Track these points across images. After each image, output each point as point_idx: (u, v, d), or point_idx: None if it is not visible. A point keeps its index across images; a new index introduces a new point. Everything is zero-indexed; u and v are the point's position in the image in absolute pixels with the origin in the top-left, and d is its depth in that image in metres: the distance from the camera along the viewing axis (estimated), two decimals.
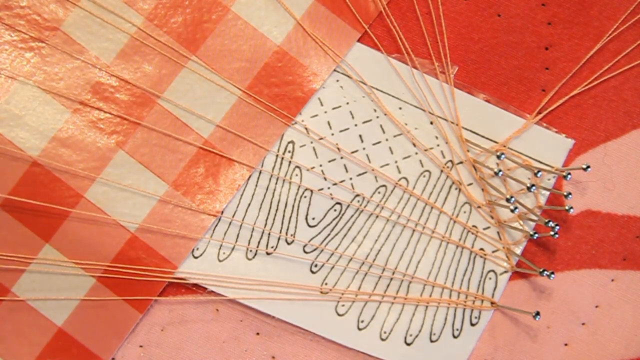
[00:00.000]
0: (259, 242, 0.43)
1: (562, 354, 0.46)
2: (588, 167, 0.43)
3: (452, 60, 0.45)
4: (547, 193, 0.45)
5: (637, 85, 0.46)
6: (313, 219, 0.44)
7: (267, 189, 0.43)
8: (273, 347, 0.44)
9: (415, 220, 0.44)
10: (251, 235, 0.43)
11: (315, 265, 0.44)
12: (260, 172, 0.43)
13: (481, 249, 0.45)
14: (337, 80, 0.44)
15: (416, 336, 0.44)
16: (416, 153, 0.45)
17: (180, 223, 0.42)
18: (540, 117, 0.45)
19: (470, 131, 0.45)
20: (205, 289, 0.43)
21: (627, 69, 0.46)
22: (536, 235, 0.44)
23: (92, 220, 0.42)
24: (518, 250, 0.45)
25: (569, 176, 0.43)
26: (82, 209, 0.42)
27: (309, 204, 0.44)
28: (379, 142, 0.44)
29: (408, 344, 0.44)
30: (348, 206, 0.44)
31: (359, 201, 0.44)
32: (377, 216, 0.44)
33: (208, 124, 0.43)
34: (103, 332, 0.42)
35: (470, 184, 0.45)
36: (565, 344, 0.46)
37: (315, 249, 0.44)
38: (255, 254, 0.43)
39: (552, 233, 0.43)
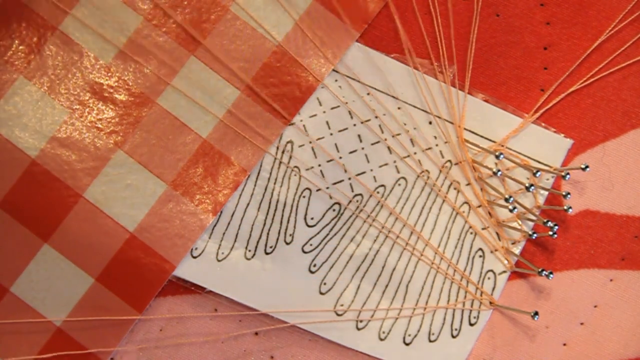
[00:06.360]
0: (257, 242, 0.43)
1: (560, 354, 0.46)
2: (587, 167, 0.44)
3: (450, 60, 0.45)
4: (546, 193, 0.45)
5: (635, 85, 0.46)
6: (312, 218, 0.44)
7: (265, 189, 0.43)
8: (272, 347, 0.44)
9: (414, 219, 0.44)
10: (250, 235, 0.43)
11: (314, 265, 0.44)
12: (259, 172, 0.43)
13: (480, 249, 0.45)
14: (336, 80, 0.44)
15: (415, 336, 0.44)
16: (415, 153, 0.45)
17: (179, 223, 0.42)
18: (537, 115, 0.45)
19: (469, 131, 0.45)
20: (204, 288, 0.43)
21: (625, 66, 0.46)
22: (535, 235, 0.44)
23: (91, 220, 0.42)
24: (517, 250, 0.45)
25: (568, 176, 0.43)
26: (81, 209, 0.42)
27: (308, 204, 0.44)
28: (377, 142, 0.44)
29: (407, 344, 0.44)
30: (347, 206, 0.44)
31: (357, 201, 0.44)
32: (376, 216, 0.44)
33: (207, 124, 0.43)
34: (101, 331, 0.42)
35: (469, 184, 0.45)
36: (564, 344, 0.46)
37: (314, 249, 0.44)
38: (254, 254, 0.43)
39: (550, 233, 0.43)
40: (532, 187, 0.42)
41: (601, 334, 0.46)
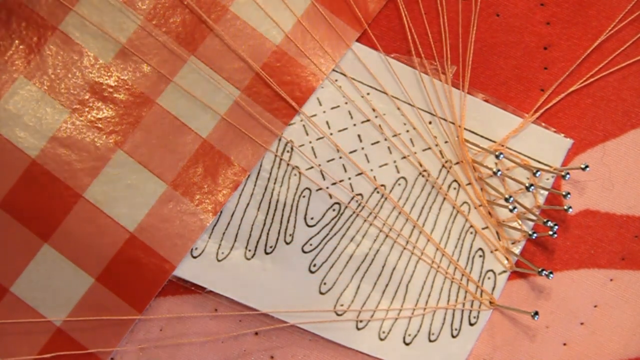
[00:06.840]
0: (257, 242, 0.43)
1: (560, 354, 0.46)
2: (587, 166, 0.44)
3: (450, 60, 0.45)
4: (546, 193, 0.45)
5: (635, 84, 0.46)
6: (312, 218, 0.44)
7: (265, 189, 0.43)
8: (272, 346, 0.44)
9: (414, 219, 0.44)
10: (250, 235, 0.43)
11: (314, 265, 0.44)
12: (259, 172, 0.43)
13: (480, 249, 0.45)
14: (336, 80, 0.44)
15: (415, 336, 0.44)
16: (415, 153, 0.45)
17: (179, 223, 0.42)
18: (537, 115, 0.45)
19: (469, 131, 0.45)
20: (204, 288, 0.43)
21: (625, 66, 0.46)
22: (535, 235, 0.44)
23: (91, 220, 0.42)
24: (517, 250, 0.45)
25: (568, 176, 0.43)
26: (81, 209, 0.42)
27: (308, 204, 0.44)
28: (377, 142, 0.44)
29: (407, 344, 0.44)
30: (347, 206, 0.44)
31: (357, 201, 0.44)
32: (375, 216, 0.44)
33: (207, 124, 0.43)
34: (102, 331, 0.42)
35: (469, 184, 0.45)
36: (564, 344, 0.46)
37: (314, 249, 0.44)
38: (254, 254, 0.43)
39: (550, 233, 0.43)
40: (532, 187, 0.42)
41: (601, 334, 0.46)
